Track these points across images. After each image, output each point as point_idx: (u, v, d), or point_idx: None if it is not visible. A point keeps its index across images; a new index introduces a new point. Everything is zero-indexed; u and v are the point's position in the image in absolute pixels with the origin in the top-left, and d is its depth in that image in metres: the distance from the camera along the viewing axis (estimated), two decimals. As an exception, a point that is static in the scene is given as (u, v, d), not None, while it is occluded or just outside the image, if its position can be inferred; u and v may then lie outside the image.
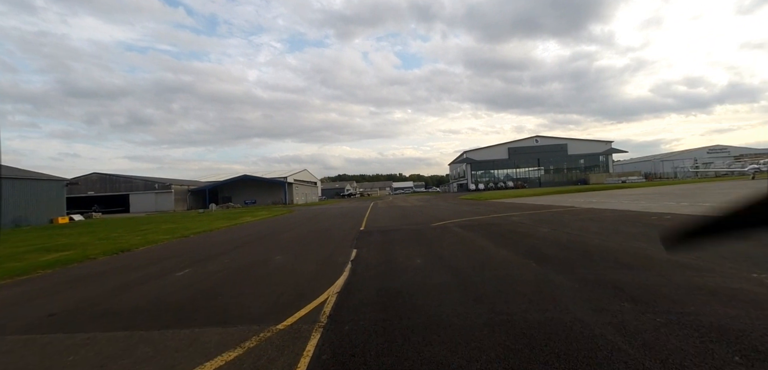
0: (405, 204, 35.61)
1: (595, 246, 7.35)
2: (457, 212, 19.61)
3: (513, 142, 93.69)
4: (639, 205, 16.99)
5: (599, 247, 7.25)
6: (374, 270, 6.38)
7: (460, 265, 6.31)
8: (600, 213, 14.36)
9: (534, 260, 6.26)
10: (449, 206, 27.79)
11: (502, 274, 5.52)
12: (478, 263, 6.40)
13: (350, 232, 12.89)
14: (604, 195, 28.45)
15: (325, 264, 7.16)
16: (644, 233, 8.76)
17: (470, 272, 5.75)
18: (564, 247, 7.46)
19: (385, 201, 51.89)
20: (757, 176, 34.72)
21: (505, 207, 21.47)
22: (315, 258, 7.96)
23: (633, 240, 7.79)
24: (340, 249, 8.99)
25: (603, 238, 8.28)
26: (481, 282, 5.13)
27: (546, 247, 7.57)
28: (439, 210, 22.65)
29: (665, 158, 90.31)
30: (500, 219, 14.23)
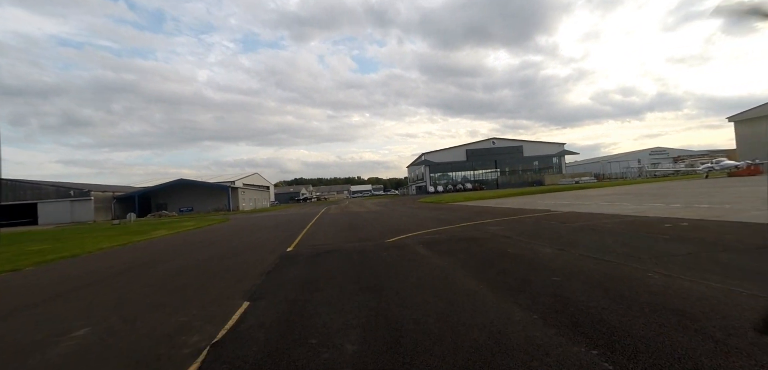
0: (359, 209, 31.92)
1: (681, 295, 4.12)
2: (418, 220, 16.25)
3: (471, 145, 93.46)
4: (622, 207, 14.62)
5: (684, 294, 4.02)
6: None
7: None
8: (591, 219, 11.58)
9: (587, 340, 2.85)
10: (409, 211, 24.49)
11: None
12: (483, 358, 2.87)
13: (269, 256, 8.98)
14: (569, 196, 26.58)
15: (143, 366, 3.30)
16: (720, 261, 5.75)
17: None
18: (615, 295, 4.15)
19: (340, 206, 47.88)
20: (710, 175, 35.00)
21: (474, 213, 18.47)
22: (148, 330, 4.06)
23: (717, 275, 4.68)
24: (222, 301, 5.13)
25: (664, 270, 5.12)
26: None
27: (579, 292, 4.24)
28: (397, 217, 19.21)
29: (612, 160, 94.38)
30: (474, 230, 10.99)
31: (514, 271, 5.57)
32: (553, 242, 7.80)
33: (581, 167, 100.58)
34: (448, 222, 14.18)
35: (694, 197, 16.88)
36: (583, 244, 7.42)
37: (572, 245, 7.39)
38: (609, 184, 49.37)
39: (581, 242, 7.60)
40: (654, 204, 14.86)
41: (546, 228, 10.29)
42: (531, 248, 7.42)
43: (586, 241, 7.74)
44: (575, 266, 5.54)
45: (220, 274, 7.32)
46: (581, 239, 8.06)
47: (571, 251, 6.80)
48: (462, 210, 21.00)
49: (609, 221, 11.00)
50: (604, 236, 8.26)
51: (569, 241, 7.87)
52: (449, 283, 5.19)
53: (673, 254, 5.90)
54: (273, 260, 8.29)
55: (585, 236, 8.45)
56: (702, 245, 6.52)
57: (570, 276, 5.00)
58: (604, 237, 8.06)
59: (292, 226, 18.30)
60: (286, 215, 33.26)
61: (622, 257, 5.98)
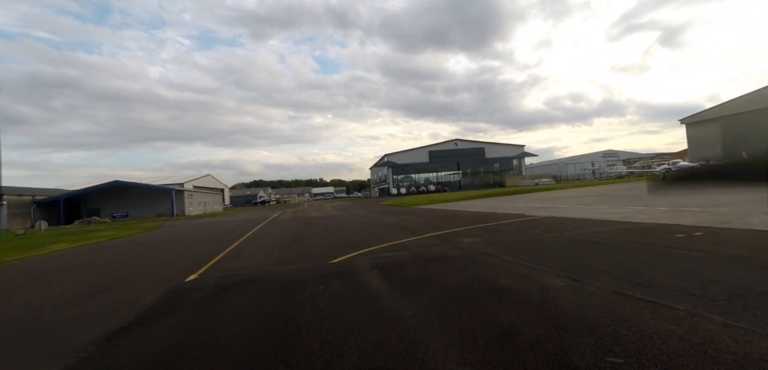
0: (316, 214, 29.04)
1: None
2: (378, 229, 13.83)
3: (433, 146, 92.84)
4: (604, 212, 13.09)
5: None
6: None
7: None
8: (580, 227, 9.73)
9: None
10: (369, 216, 22.04)
11: None
12: None
13: (150, 292, 6.14)
14: (537, 198, 25.34)
15: None
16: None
17: None
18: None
19: (297, 210, 44.55)
20: (667, 176, 35.54)
21: (441, 218, 16.33)
22: None
23: None
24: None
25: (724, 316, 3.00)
26: None
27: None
28: (355, 225, 16.68)
29: (568, 162, 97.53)
30: (445, 243, 8.73)
31: (523, 331, 3.24)
32: (556, 265, 5.64)
33: (539, 169, 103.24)
34: (412, 231, 11.86)
35: (657, 198, 15.77)
36: (597, 267, 5.32)
37: (584, 270, 5.26)
38: (568, 185, 49.76)
39: (593, 265, 5.50)
40: (637, 207, 13.44)
41: (533, 241, 8.21)
42: (530, 276, 5.20)
43: (598, 262, 5.65)
44: (621, 319, 3.32)
45: (23, 340, 4.43)
46: (588, 258, 5.98)
47: (590, 282, 4.64)
48: (428, 215, 18.86)
49: (603, 229, 9.15)
50: (615, 253, 6.24)
51: (576, 262, 5.74)
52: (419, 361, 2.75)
53: (750, 288, 3.86)
54: (151, 300, 5.48)
55: (590, 253, 6.39)
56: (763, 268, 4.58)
57: (632, 347, 2.73)
58: (616, 255, 6.04)
59: (227, 236, 15.21)
60: (231, 221, 29.65)
61: (677, 295, 3.85)
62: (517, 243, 8.00)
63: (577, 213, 13.42)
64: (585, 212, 13.42)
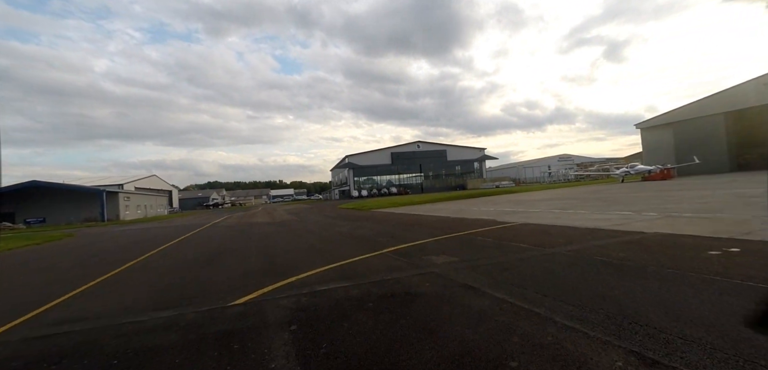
0: (262, 219, 25.82)
1: None
2: (327, 241, 11.27)
3: (396, 148, 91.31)
4: (588, 217, 11.45)
5: None
6: None
7: None
8: (572, 238, 7.80)
9: None
10: (323, 222, 19.36)
11: None
12: None
13: None
14: (505, 202, 23.85)
15: None
16: None
17: None
18: None
19: (246, 214, 40.69)
20: (626, 179, 35.86)
21: (404, 225, 14.03)
22: None
23: None
24: None
25: None
26: None
27: None
28: (300, 234, 14.00)
29: (526, 166, 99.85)
30: (410, 267, 6.36)
31: None
32: (589, 316, 3.42)
33: (499, 172, 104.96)
34: (368, 245, 9.42)
35: (651, 203, 14.54)
36: (659, 323, 3.16)
37: (645, 328, 3.07)
38: (528, 188, 49.64)
39: (648, 315, 3.34)
40: (622, 213, 11.89)
41: (526, 263, 6.05)
42: (558, 344, 2.91)
43: (649, 306, 3.51)
44: None
45: None
46: (628, 299, 3.83)
47: (668, 356, 2.42)
48: (388, 221, 16.52)
49: (603, 242, 7.24)
50: (655, 286, 4.17)
51: (616, 308, 3.57)
52: None
53: None
54: None
55: (619, 285, 4.28)
56: None
57: None
58: (663, 291, 3.96)
59: (133, 250, 11.93)
60: (163, 227, 25.69)
61: None
62: (507, 266, 5.79)
63: (556, 219, 11.64)
64: (565, 218, 11.67)
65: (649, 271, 4.88)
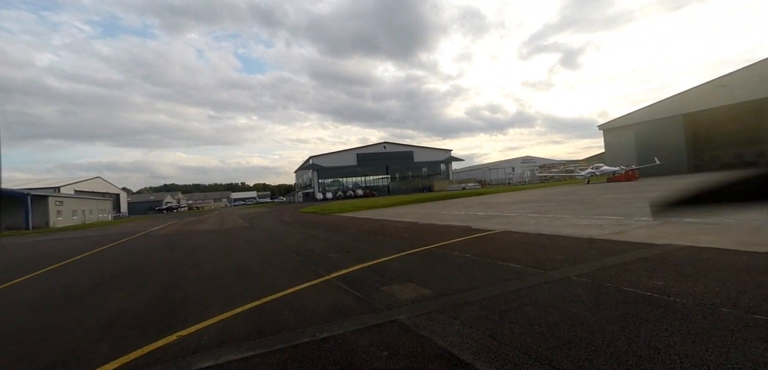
0: (209, 226, 22.85)
1: None
2: (261, 260, 8.99)
3: (362, 149, 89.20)
4: (572, 224, 9.94)
5: None
6: None
7: None
8: (578, 254, 6.07)
9: None
10: (275, 229, 16.92)
11: None
12: None
13: None
14: (475, 205, 22.43)
15: None
16: None
17: None
18: None
19: (197, 219, 37.03)
20: (591, 181, 35.85)
21: (365, 234, 11.94)
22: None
23: None
24: None
25: None
26: None
27: None
28: (239, 248, 11.60)
29: (491, 167, 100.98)
30: (364, 312, 4.28)
31: None
32: None
33: (465, 174, 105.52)
34: (312, 267, 7.26)
35: (633, 205, 13.41)
36: None
37: None
38: (495, 190, 49.21)
39: None
40: (612, 217, 10.51)
41: (527, 298, 4.17)
42: None
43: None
44: None
45: None
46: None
47: None
48: (348, 228, 14.39)
49: (620, 260, 5.60)
50: (751, 347, 2.35)
51: None
52: None
53: None
54: None
55: (687, 346, 2.43)
56: None
57: None
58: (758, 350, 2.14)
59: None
60: (83, 239, 22.04)
61: None
62: (506, 309, 3.86)
63: (540, 226, 10.05)
64: (550, 225, 10.10)
65: (724, 316, 3.11)
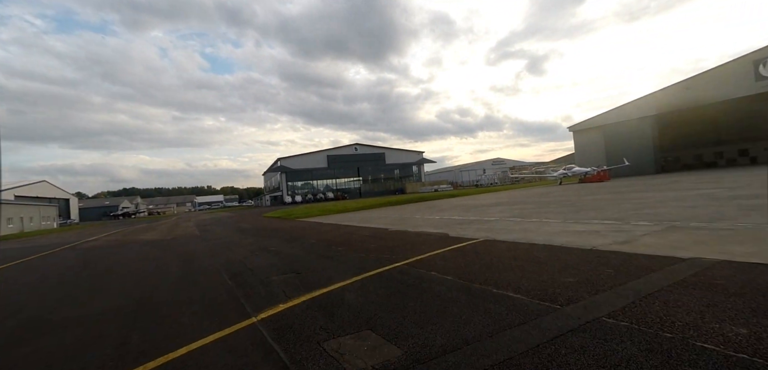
0: (155, 235, 20.19)
1: None
2: (174, 293, 6.99)
3: (332, 150, 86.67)
4: (565, 231, 8.62)
5: None
6: None
7: None
8: (592, 276, 4.57)
9: None
10: (225, 238, 14.74)
11: None
12: None
13: None
14: (449, 207, 21.07)
15: None
16: None
17: None
18: None
19: (151, 226, 33.72)
20: (564, 181, 35.62)
21: (325, 246, 10.09)
22: None
23: None
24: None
25: None
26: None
27: None
28: (164, 268, 9.49)
29: (462, 169, 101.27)
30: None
31: None
32: None
33: (437, 176, 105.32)
34: (237, 299, 5.41)
35: (622, 207, 12.36)
36: None
37: None
38: (467, 192, 48.51)
39: None
40: (605, 222, 9.27)
41: (551, 366, 2.53)
42: None
43: None
44: None
45: None
46: None
47: None
48: (308, 237, 12.51)
49: (656, 284, 4.11)
50: None
51: None
52: None
53: None
54: None
55: None
56: None
57: None
58: None
59: None
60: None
61: None
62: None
63: (527, 233, 8.64)
64: (537, 231, 8.72)
65: None
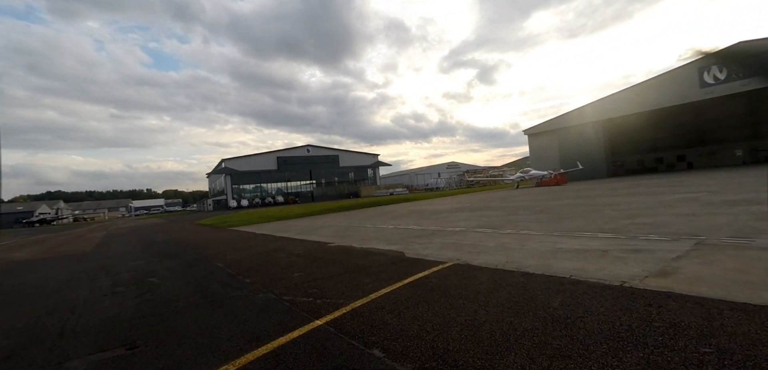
0: (33, 250, 15.73)
1: None
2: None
3: (283, 152, 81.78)
4: (555, 249, 6.45)
5: None
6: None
7: None
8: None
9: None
10: (116, 258, 11.16)
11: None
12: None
13: None
14: (405, 213, 18.72)
15: None
16: None
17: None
18: None
19: (47, 238, 28.07)
20: (521, 185, 34.85)
21: (254, 264, 7.07)
22: None
23: None
24: None
25: None
26: None
27: None
28: None
29: (417, 173, 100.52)
30: None
31: None
32: None
33: (392, 179, 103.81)
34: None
35: (604, 214, 10.59)
36: None
37: None
38: (424, 196, 46.89)
39: None
40: (606, 237, 7.21)
41: None
42: None
43: None
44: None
45: None
46: None
47: None
48: (223, 255, 9.37)
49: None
50: None
51: None
52: None
53: None
54: None
55: None
56: None
57: None
58: None
59: None
60: None
61: None
62: None
63: (507, 252, 6.34)
64: (520, 250, 6.46)
65: None
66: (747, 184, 15.38)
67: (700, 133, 44.60)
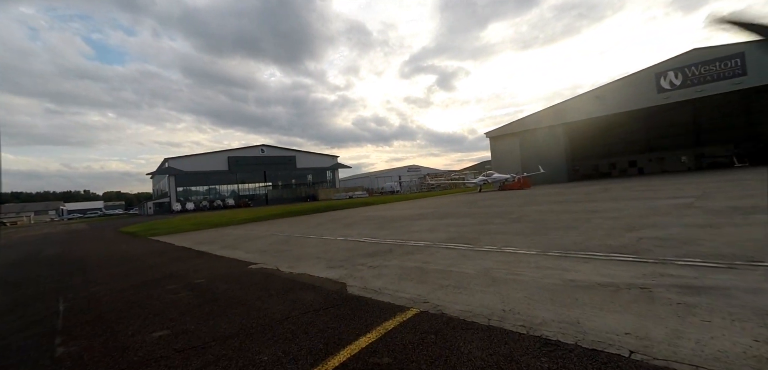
0: None
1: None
2: None
3: (235, 151, 76.35)
4: (564, 283, 4.36)
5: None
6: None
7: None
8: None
9: None
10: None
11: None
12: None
13: None
14: (363, 220, 16.36)
15: None
16: None
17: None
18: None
19: None
20: (484, 188, 33.68)
21: (127, 304, 4.23)
22: None
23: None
24: None
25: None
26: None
27: None
28: None
29: (378, 176, 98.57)
30: None
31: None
32: None
33: (352, 182, 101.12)
34: None
35: (594, 223, 8.85)
36: None
37: None
38: (384, 199, 44.79)
39: None
40: (611, 255, 5.29)
41: None
42: None
43: None
44: None
45: None
46: None
47: None
48: (83, 282, 6.45)
49: None
50: None
51: None
52: None
53: None
54: None
55: None
56: None
57: None
58: None
59: None
60: None
61: None
62: None
63: (497, 288, 4.21)
64: (518, 283, 4.35)
65: None
66: (725, 188, 14.61)
67: (649, 139, 46.40)
